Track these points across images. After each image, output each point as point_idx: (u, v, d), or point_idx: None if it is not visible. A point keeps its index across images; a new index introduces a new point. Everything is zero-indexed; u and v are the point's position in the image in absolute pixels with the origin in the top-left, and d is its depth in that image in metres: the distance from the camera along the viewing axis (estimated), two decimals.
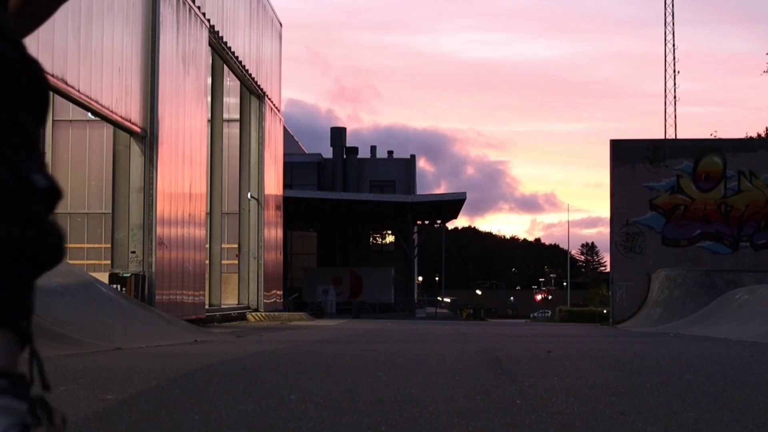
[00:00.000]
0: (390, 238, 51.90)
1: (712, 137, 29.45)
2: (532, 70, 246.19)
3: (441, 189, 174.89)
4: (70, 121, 20.17)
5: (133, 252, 13.97)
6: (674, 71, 61.93)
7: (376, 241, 53.48)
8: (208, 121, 18.81)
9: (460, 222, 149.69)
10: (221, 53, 19.57)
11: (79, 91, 11.78)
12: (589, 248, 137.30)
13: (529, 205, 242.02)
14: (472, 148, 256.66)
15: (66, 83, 11.39)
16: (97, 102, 12.37)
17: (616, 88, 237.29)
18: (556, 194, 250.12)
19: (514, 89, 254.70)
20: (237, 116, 23.17)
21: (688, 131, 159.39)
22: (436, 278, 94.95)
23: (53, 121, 19.73)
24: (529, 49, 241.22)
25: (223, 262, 21.29)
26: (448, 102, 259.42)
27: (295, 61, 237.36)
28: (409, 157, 58.31)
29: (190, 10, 16.23)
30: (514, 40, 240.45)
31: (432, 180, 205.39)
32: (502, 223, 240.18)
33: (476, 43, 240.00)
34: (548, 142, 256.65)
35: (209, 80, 19.00)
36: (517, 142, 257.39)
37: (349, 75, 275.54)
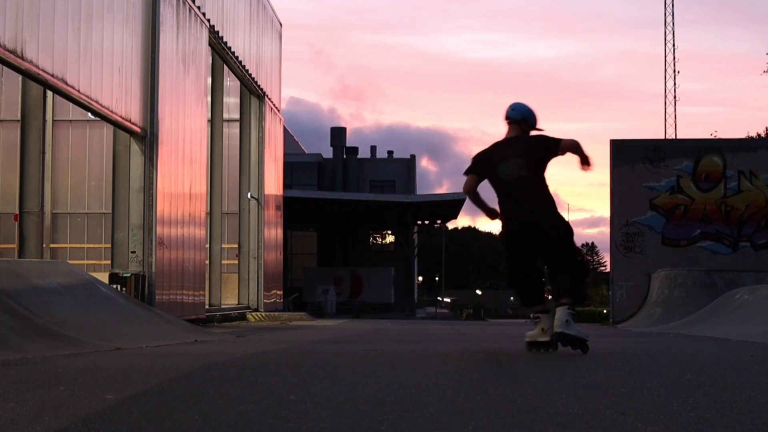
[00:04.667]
0: (390, 238, 51.86)
1: (712, 137, 29.46)
2: (534, 69, 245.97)
3: (443, 188, 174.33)
4: (70, 121, 20.17)
5: (133, 252, 13.97)
6: (674, 71, 61.96)
7: (376, 241, 53.42)
8: (208, 121, 18.81)
9: (461, 222, 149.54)
10: (221, 53, 19.58)
11: (79, 91, 11.77)
12: (589, 248, 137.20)
13: None
14: (475, 147, 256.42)
15: (66, 83, 11.39)
16: (97, 102, 12.37)
17: (617, 88, 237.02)
18: (560, 194, 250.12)
19: (517, 89, 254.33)
20: (237, 116, 23.17)
21: (688, 131, 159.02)
22: (436, 278, 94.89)
23: (53, 121, 19.74)
24: (531, 49, 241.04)
25: (223, 262, 21.29)
26: (450, 101, 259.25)
27: (298, 61, 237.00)
28: (409, 156, 58.32)
29: (190, 10, 16.23)
30: (517, 40, 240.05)
31: (434, 179, 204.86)
32: None
33: (479, 43, 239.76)
34: None
35: (209, 80, 19.00)
36: None
37: (353, 74, 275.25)
